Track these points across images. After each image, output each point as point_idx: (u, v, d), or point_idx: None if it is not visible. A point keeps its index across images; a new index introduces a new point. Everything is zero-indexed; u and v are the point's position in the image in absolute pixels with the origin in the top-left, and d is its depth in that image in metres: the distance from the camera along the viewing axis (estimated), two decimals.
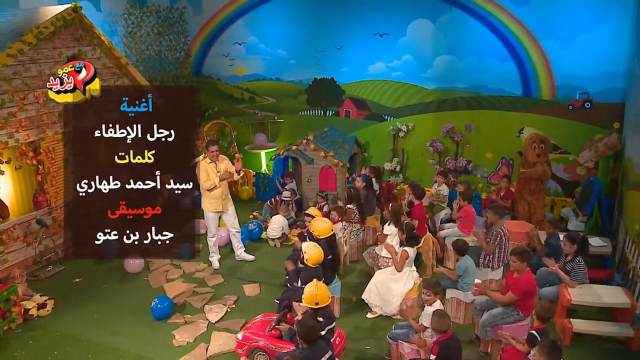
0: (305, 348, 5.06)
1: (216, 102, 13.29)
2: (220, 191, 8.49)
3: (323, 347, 5.14)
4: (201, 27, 12.95)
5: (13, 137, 8.32)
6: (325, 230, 7.28)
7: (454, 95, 10.88)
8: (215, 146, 8.47)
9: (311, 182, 11.04)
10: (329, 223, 7.45)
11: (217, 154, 8.45)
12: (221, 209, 8.57)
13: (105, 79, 9.90)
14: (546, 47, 10.00)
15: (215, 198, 8.45)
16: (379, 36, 11.25)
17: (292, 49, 12.27)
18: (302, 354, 5.05)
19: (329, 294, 5.81)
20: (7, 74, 8.10)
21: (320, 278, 6.47)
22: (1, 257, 8.32)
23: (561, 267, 7.23)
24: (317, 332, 5.18)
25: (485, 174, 10.98)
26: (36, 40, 8.38)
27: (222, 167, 8.54)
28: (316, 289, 5.71)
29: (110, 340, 6.91)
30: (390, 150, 11.73)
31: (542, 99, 10.25)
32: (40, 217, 8.78)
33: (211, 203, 8.47)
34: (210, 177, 8.35)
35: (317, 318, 5.56)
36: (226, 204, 8.65)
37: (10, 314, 7.25)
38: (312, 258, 6.75)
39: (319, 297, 5.67)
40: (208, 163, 8.41)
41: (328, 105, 12.29)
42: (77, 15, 9.04)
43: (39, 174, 8.97)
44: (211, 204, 8.47)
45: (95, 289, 8.32)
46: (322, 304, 5.66)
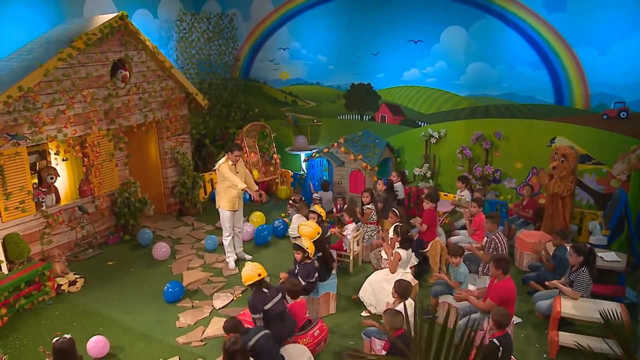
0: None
1: (262, 104, 13.94)
2: (238, 192, 8.95)
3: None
4: (249, 33, 13.67)
5: (62, 131, 9.29)
6: (312, 234, 7.67)
7: (486, 102, 10.83)
8: (238, 152, 8.87)
9: (341, 184, 11.40)
10: (315, 226, 7.80)
11: (239, 158, 8.93)
12: (236, 207, 9.08)
13: (150, 80, 10.77)
14: (580, 55, 9.75)
15: (232, 198, 8.95)
16: (414, 43, 11.40)
17: (331, 55, 12.67)
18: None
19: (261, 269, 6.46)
20: (57, 76, 9.06)
21: (315, 273, 7.19)
22: (47, 238, 9.30)
23: (566, 278, 7.15)
24: (265, 303, 6.18)
25: (514, 185, 10.82)
26: (85, 46, 9.28)
27: (240, 169, 9.03)
28: (255, 266, 6.44)
29: (121, 317, 7.64)
30: (422, 156, 11.82)
31: (575, 108, 10.00)
32: (82, 205, 9.71)
33: (228, 202, 8.91)
34: (234, 180, 8.70)
35: (262, 290, 6.35)
36: (240, 204, 9.16)
37: (44, 287, 8.17)
38: (307, 233, 7.49)
39: (260, 269, 6.42)
40: (230, 164, 8.85)
41: (365, 110, 12.57)
42: (123, 23, 9.89)
43: (84, 165, 9.93)
44: (228, 203, 8.91)
45: (123, 272, 9.13)
46: (264, 275, 6.42)
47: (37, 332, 7.31)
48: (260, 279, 6.36)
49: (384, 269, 7.81)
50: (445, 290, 7.38)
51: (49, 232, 9.33)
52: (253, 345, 5.63)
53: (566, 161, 8.88)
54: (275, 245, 10.18)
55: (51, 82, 9.01)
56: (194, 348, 6.90)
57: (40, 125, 8.91)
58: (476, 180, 11.00)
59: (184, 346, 6.95)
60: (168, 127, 11.40)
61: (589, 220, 9.64)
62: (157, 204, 11.58)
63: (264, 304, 6.20)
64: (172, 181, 11.66)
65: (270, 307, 6.21)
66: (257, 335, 5.73)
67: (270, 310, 6.21)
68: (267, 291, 6.35)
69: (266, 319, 6.21)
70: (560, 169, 8.88)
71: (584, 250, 7.07)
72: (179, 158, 11.57)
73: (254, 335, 5.75)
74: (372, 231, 9.51)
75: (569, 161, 8.89)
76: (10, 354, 6.79)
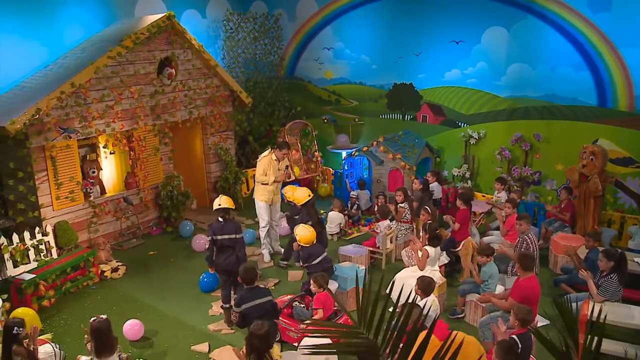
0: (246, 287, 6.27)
1: (306, 103, 14.19)
2: (274, 186, 9.25)
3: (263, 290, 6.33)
4: (294, 32, 13.93)
5: (110, 126, 9.79)
6: (302, 197, 8.62)
7: (526, 104, 10.69)
8: (286, 150, 9.26)
9: (380, 182, 11.51)
10: (306, 190, 8.78)
11: (284, 156, 9.27)
12: (270, 202, 9.34)
13: (195, 78, 11.18)
14: (625, 55, 9.50)
15: (268, 191, 9.23)
16: (455, 43, 11.37)
17: (374, 55, 12.78)
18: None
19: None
20: (106, 73, 9.56)
21: (316, 256, 7.48)
22: (94, 227, 9.83)
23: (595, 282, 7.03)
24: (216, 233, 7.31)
25: (555, 187, 10.63)
26: (133, 44, 9.75)
27: (283, 167, 9.38)
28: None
29: (157, 304, 8.02)
30: (461, 156, 11.77)
31: (618, 110, 9.74)
32: (127, 196, 10.19)
33: (262, 194, 9.22)
34: (269, 173, 9.12)
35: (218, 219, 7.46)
36: (276, 198, 9.41)
37: (89, 273, 8.67)
38: (303, 238, 7.49)
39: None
40: (273, 159, 9.21)
41: (406, 109, 12.61)
42: (170, 23, 10.31)
43: (130, 159, 10.42)
44: (262, 195, 9.22)
45: (163, 261, 9.54)
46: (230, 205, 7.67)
47: (80, 313, 7.77)
48: (226, 209, 7.50)
49: (413, 266, 7.89)
50: (473, 289, 7.40)
51: (95, 221, 9.85)
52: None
53: (595, 159, 8.72)
54: None
55: (101, 79, 9.51)
56: (224, 335, 7.19)
57: (90, 119, 9.43)
58: (514, 182, 10.87)
59: (215, 333, 7.25)
60: (212, 123, 11.79)
61: (630, 225, 9.40)
62: (200, 198, 11.99)
63: (216, 234, 7.33)
64: (215, 176, 12.05)
65: (220, 238, 7.32)
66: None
67: (221, 241, 7.34)
68: (222, 222, 7.38)
69: (217, 246, 7.37)
70: (589, 167, 8.73)
71: (615, 255, 6.93)
72: (222, 154, 11.95)
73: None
74: (406, 229, 9.57)
75: (598, 159, 8.73)
76: (55, 332, 7.26)
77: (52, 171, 9.00)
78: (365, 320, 3.03)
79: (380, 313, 3.20)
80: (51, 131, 8.90)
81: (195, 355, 6.78)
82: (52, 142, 8.94)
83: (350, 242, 9.94)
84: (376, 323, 3.10)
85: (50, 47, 10.23)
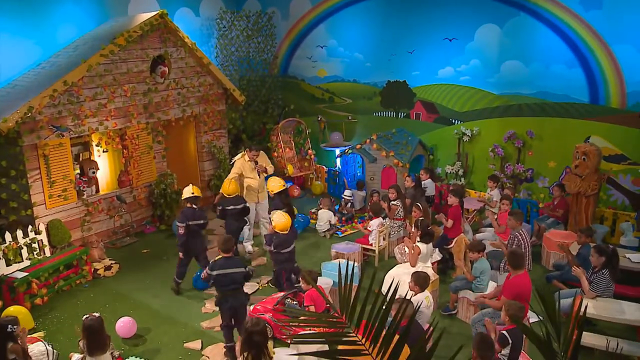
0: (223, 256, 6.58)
1: (299, 101, 14.19)
2: (257, 184, 9.41)
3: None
4: (288, 30, 13.93)
5: (102, 124, 9.77)
6: (276, 187, 9.06)
7: (519, 101, 10.72)
8: (256, 152, 9.49)
9: (373, 180, 11.52)
10: (281, 180, 9.25)
11: (254, 157, 9.49)
12: (257, 200, 9.43)
13: (188, 76, 11.17)
14: (617, 52, 9.54)
15: (252, 190, 9.40)
16: (448, 41, 11.39)
17: (368, 53, 12.78)
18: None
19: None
20: (99, 71, 9.55)
21: (289, 244, 7.84)
22: (87, 225, 9.81)
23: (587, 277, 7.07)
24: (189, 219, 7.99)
25: (547, 184, 10.67)
26: (126, 43, 9.73)
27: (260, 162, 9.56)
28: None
29: (150, 301, 8.04)
30: (454, 154, 11.79)
31: (610, 107, 9.79)
32: (120, 195, 10.18)
33: (248, 195, 9.43)
34: (244, 173, 9.46)
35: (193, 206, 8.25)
36: (261, 196, 9.53)
37: (82, 271, 8.66)
38: (278, 224, 7.72)
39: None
40: (247, 161, 9.45)
41: (400, 107, 12.62)
42: (163, 21, 10.30)
43: (123, 157, 10.40)
44: (247, 195, 9.42)
45: (156, 259, 9.54)
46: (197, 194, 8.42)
47: (73, 312, 7.77)
48: (196, 197, 8.21)
49: (405, 263, 7.91)
50: (465, 285, 7.42)
51: (88, 219, 9.83)
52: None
53: (587, 159, 8.75)
54: (301, 238, 10.36)
55: (94, 77, 9.50)
56: (216, 333, 7.19)
57: (82, 117, 9.42)
58: (507, 179, 10.90)
59: (207, 330, 7.27)
60: (205, 121, 11.78)
61: (623, 222, 9.45)
62: None
63: (189, 220, 7.98)
64: (209, 174, 12.05)
65: (192, 224, 8.00)
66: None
67: (192, 226, 8.03)
68: (195, 208, 8.11)
69: (187, 231, 8.00)
70: (582, 168, 8.75)
71: (606, 251, 6.98)
72: (215, 152, 11.95)
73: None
74: (399, 227, 9.60)
75: (590, 159, 8.76)
76: (48, 330, 7.26)
77: (44, 169, 8.99)
78: (348, 311, 3.05)
79: (362, 305, 3.22)
80: (44, 129, 8.89)
81: (188, 353, 6.80)
82: (45, 141, 8.92)
83: (343, 239, 9.96)
84: (357, 314, 3.13)
85: (44, 45, 10.20)
